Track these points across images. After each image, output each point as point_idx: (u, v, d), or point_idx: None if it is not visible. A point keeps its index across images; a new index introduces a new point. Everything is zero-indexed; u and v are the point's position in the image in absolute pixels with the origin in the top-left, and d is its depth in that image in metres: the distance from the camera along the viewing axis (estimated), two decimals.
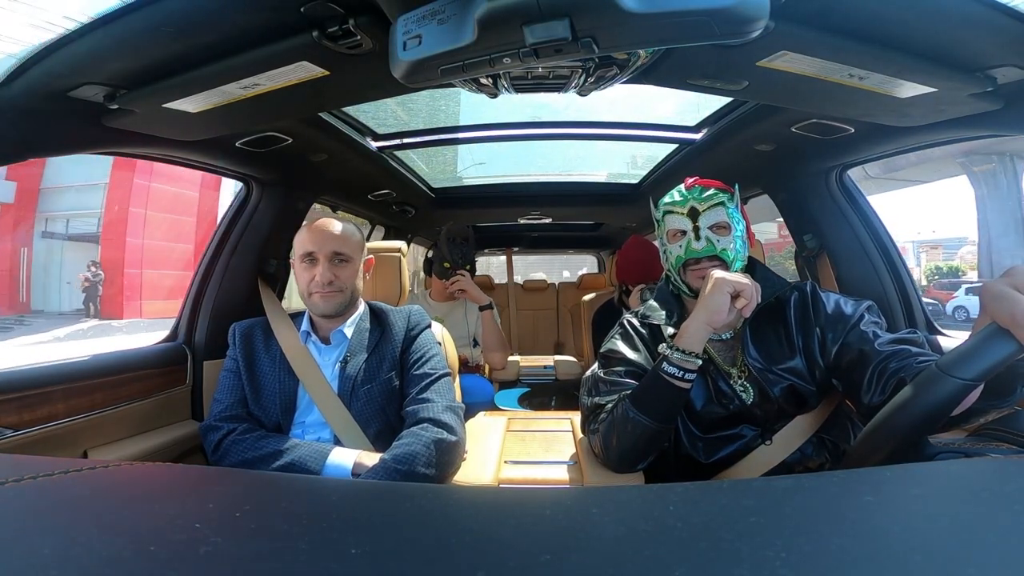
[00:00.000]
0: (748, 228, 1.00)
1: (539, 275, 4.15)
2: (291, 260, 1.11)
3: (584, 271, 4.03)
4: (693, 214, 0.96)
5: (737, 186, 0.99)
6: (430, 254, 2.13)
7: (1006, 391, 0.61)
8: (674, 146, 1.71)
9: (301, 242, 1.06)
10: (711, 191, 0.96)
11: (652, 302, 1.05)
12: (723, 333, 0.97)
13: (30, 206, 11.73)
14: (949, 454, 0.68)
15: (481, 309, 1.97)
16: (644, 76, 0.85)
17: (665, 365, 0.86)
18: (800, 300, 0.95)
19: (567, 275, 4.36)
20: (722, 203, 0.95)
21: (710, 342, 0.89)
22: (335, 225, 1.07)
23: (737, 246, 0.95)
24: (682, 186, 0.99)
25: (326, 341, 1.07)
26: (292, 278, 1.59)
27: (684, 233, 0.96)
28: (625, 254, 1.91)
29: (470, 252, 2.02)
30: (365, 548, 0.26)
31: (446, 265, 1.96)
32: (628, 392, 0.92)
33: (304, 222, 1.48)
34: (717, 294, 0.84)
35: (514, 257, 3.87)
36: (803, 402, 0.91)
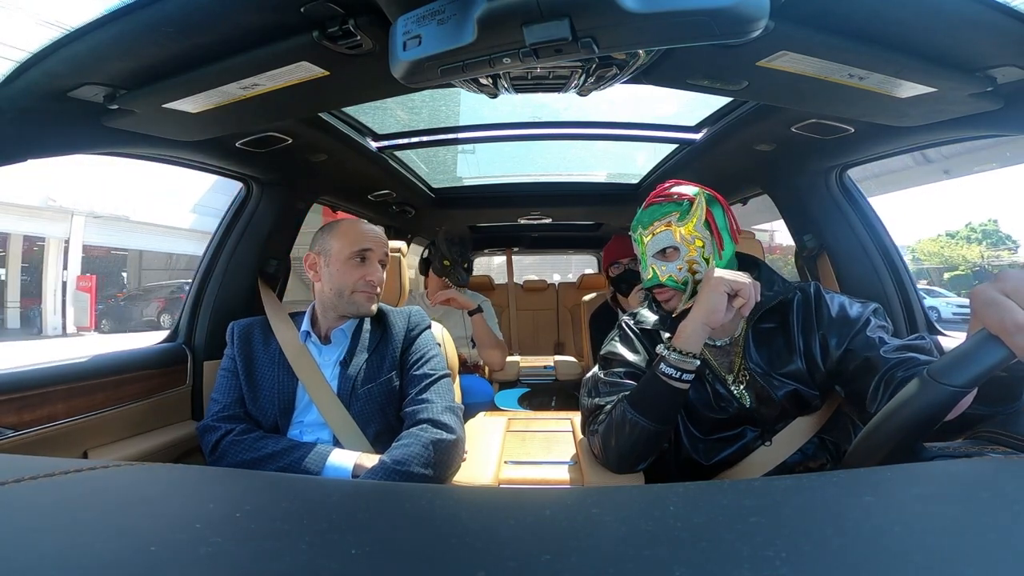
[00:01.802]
0: (730, 230, 0.95)
1: (530, 277, 4.17)
2: (317, 256, 1.07)
3: (572, 276, 4.03)
4: (640, 241, 0.95)
5: (700, 191, 0.93)
6: (426, 255, 2.15)
7: (1006, 397, 0.60)
8: (674, 146, 1.71)
9: (353, 239, 1.04)
10: (664, 208, 0.92)
11: (644, 307, 1.05)
12: (719, 340, 0.96)
13: None
14: (944, 458, 0.68)
15: (470, 314, 1.98)
16: (644, 76, 0.85)
17: (662, 366, 0.85)
18: (803, 302, 0.93)
19: (557, 278, 4.35)
20: (668, 224, 0.91)
21: (705, 347, 0.88)
22: (379, 228, 1.10)
23: (686, 269, 0.91)
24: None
25: (326, 340, 1.07)
26: (295, 277, 1.59)
27: (638, 259, 0.98)
28: (607, 246, 1.99)
29: (467, 251, 2.06)
30: (365, 548, 0.26)
31: (446, 263, 1.99)
32: (627, 393, 0.92)
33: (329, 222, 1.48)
34: (714, 293, 0.83)
35: (498, 263, 3.86)
36: (806, 404, 0.91)
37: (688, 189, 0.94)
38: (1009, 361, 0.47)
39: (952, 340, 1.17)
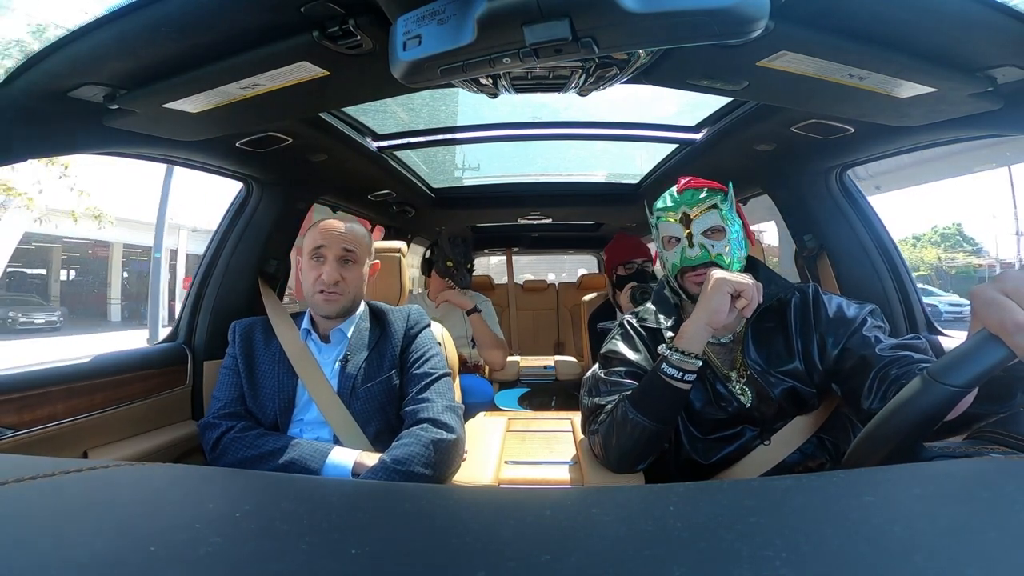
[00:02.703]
0: (746, 227, 0.99)
1: (527, 276, 4.17)
2: (298, 260, 1.10)
3: (566, 275, 4.03)
4: (685, 220, 0.95)
5: (731, 185, 0.98)
6: (427, 255, 2.15)
7: (1005, 396, 0.60)
8: (674, 146, 1.71)
9: (311, 238, 1.06)
10: (704, 193, 0.95)
11: (649, 305, 1.05)
12: (722, 337, 0.97)
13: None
14: (944, 458, 0.67)
15: (468, 313, 1.99)
16: (644, 76, 0.85)
17: (664, 366, 0.86)
18: (801, 302, 0.94)
19: (552, 277, 4.35)
20: (715, 205, 0.94)
21: (708, 345, 0.89)
22: (346, 224, 1.08)
23: (733, 249, 0.94)
24: (674, 189, 0.98)
25: (326, 340, 1.07)
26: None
27: (679, 240, 0.96)
28: (611, 246, 1.98)
29: (469, 251, 2.06)
30: (365, 548, 0.26)
31: (449, 264, 1.99)
32: (628, 393, 0.92)
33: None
34: (717, 294, 0.83)
35: (496, 262, 3.86)
36: (803, 403, 0.91)
37: (716, 184, 0.98)
38: (1009, 361, 0.47)
39: (953, 340, 1.17)
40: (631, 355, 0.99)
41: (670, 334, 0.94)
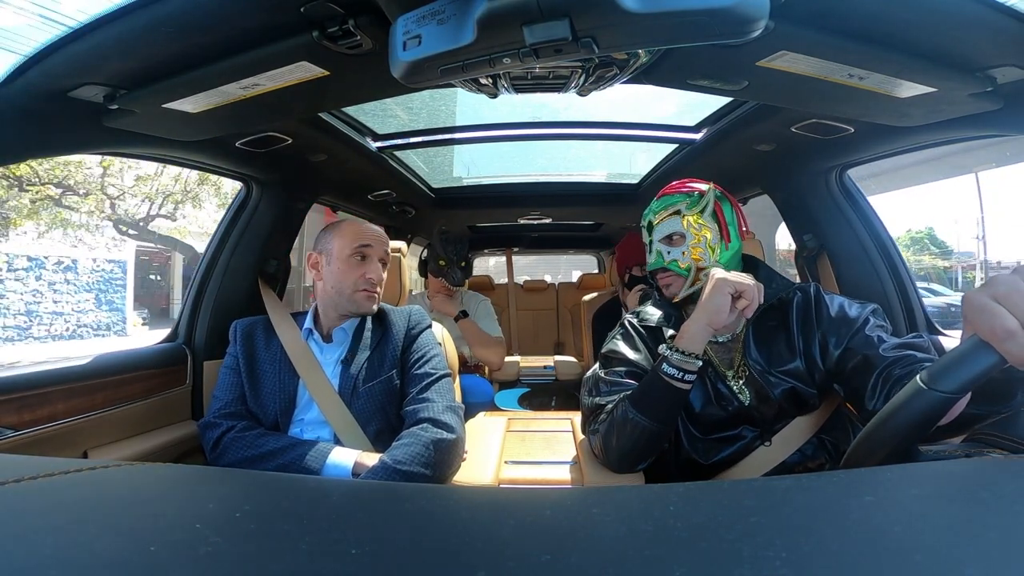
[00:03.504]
0: (739, 226, 0.99)
1: (524, 277, 4.18)
2: (319, 255, 1.08)
3: (561, 276, 4.02)
4: (649, 227, 1.01)
5: (711, 186, 0.99)
6: (424, 255, 2.14)
7: (1004, 396, 0.60)
8: (674, 146, 1.71)
9: (353, 236, 1.06)
10: (674, 198, 0.99)
11: (650, 304, 1.06)
12: (722, 336, 0.97)
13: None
14: (943, 460, 0.67)
15: (456, 320, 1.97)
16: (644, 76, 0.85)
17: (665, 366, 0.86)
18: (803, 302, 0.94)
19: (549, 279, 4.36)
20: (677, 212, 0.97)
21: (708, 344, 0.89)
22: (377, 227, 1.11)
23: (690, 255, 0.96)
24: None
25: (328, 339, 1.07)
26: (299, 278, 1.59)
27: (647, 245, 1.04)
28: (623, 244, 1.96)
29: (463, 249, 2.04)
30: (365, 548, 0.26)
31: (441, 263, 1.98)
32: (628, 392, 0.92)
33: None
34: (718, 295, 0.83)
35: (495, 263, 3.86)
36: (803, 403, 0.91)
37: (701, 184, 1.01)
38: (1001, 367, 0.47)
39: (953, 340, 1.17)
40: (631, 355, 0.99)
41: (671, 332, 0.95)
